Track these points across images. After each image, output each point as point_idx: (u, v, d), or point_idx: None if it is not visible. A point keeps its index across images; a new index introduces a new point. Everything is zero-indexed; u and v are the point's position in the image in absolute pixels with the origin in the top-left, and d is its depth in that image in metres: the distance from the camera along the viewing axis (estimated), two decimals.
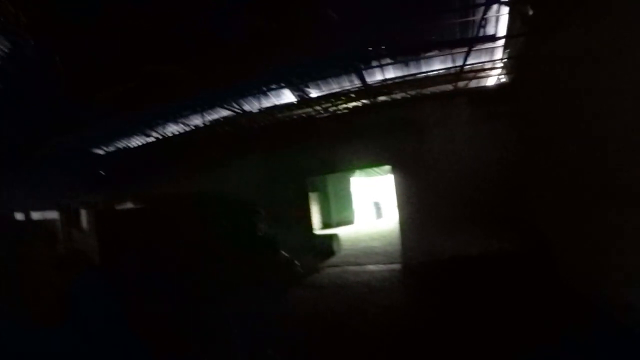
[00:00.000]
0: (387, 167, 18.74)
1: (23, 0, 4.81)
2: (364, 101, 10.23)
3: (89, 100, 7.83)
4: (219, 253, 6.86)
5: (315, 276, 9.43)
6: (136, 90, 7.70)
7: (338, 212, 18.25)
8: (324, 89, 10.08)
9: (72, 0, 5.15)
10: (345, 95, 9.88)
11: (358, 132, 10.16)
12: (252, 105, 10.41)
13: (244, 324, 5.34)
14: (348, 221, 18.52)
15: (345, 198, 18.76)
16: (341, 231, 15.19)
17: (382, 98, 10.05)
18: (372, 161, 10.55)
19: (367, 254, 11.45)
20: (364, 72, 8.46)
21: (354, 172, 18.64)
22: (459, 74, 8.90)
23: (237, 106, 10.13)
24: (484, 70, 9.00)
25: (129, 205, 7.85)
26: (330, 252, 11.61)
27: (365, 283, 8.31)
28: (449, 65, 8.80)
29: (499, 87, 9.69)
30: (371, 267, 9.78)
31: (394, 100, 10.00)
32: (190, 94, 8.84)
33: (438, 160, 9.61)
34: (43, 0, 5.02)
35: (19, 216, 7.16)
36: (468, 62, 8.04)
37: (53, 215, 6.57)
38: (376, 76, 9.09)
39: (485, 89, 9.98)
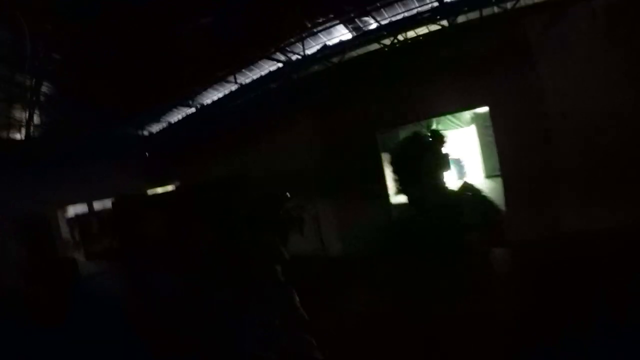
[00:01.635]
0: (468, 117, 16.03)
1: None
2: (441, 24, 7.70)
3: None
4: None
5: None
6: None
7: None
8: (386, 14, 7.73)
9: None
10: (414, 21, 7.46)
11: (439, 68, 7.62)
12: (297, 51, 8.39)
13: None
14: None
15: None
16: None
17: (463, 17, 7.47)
18: (462, 104, 7.97)
19: None
20: None
21: (428, 124, 16.00)
22: None
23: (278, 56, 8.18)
24: None
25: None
26: None
27: None
28: None
29: None
30: None
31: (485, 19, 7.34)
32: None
33: (556, 99, 6.83)
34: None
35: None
36: None
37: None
38: None
39: None
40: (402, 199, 8.30)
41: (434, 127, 16.50)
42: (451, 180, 14.90)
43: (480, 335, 4.33)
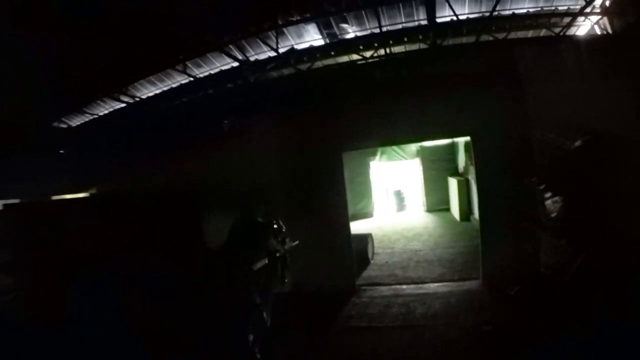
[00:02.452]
0: (414, 149, 15.85)
1: None
2: (423, 45, 7.08)
3: None
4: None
5: (357, 307, 6.34)
6: None
7: (355, 203, 14.98)
8: (368, 25, 6.91)
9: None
10: (396, 36, 6.72)
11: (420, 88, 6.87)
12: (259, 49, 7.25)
13: None
14: (366, 214, 15.43)
15: (363, 185, 15.55)
16: (361, 227, 12.15)
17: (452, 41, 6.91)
18: (442, 131, 7.25)
19: (415, 261, 8.41)
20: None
21: (373, 153, 15.48)
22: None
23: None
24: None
25: None
26: (364, 260, 8.53)
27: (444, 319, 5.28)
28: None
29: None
30: (434, 286, 6.76)
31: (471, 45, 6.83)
32: None
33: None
34: None
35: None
36: None
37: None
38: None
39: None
40: None
41: (377, 157, 16.17)
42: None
43: None
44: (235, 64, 7.53)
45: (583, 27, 6.86)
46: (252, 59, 7.50)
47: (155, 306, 3.82)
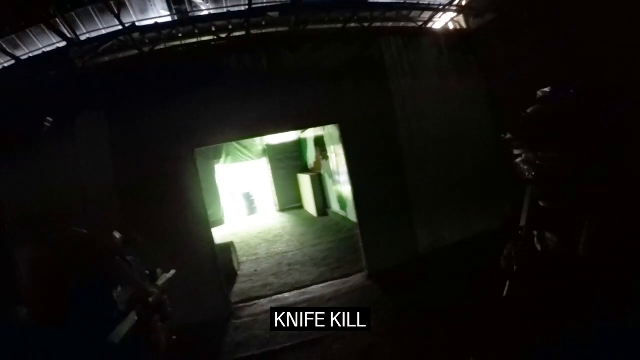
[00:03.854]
0: (260, 149, 15.16)
1: None
2: (282, 29, 6.39)
3: None
4: None
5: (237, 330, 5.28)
6: None
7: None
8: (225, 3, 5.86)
9: None
10: (254, 15, 5.87)
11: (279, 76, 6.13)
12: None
13: None
14: (216, 221, 14.07)
15: (210, 191, 14.09)
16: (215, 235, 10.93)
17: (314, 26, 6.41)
18: (306, 122, 6.62)
19: (286, 265, 7.72)
20: None
21: (217, 156, 14.20)
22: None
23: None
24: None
25: None
26: (230, 273, 7.43)
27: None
28: None
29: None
30: (318, 289, 6.17)
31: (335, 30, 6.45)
32: None
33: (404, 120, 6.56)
34: None
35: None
36: None
37: None
38: None
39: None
40: None
41: (222, 159, 14.96)
42: None
43: None
44: (62, 44, 5.54)
45: (438, 23, 7.22)
46: (83, 38, 5.63)
47: None
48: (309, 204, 13.07)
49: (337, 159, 10.02)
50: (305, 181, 13.09)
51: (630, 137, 1.62)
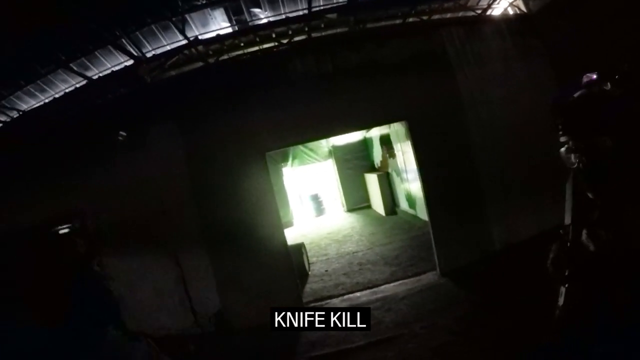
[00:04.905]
0: (326, 151, 15.33)
1: None
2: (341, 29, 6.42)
3: None
4: None
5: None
6: None
7: None
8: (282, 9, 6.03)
9: None
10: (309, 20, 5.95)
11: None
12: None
13: None
14: (286, 223, 14.45)
15: (280, 194, 14.47)
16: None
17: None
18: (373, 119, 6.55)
19: (357, 264, 7.69)
20: None
21: (284, 160, 14.57)
22: None
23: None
24: None
25: None
26: (302, 273, 7.57)
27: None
28: None
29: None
30: (390, 287, 6.08)
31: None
32: None
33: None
34: None
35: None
36: None
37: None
38: None
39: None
40: None
41: (289, 162, 15.33)
42: None
43: None
44: (129, 62, 6.07)
45: (497, 9, 6.86)
46: (149, 55, 6.12)
47: None
48: (377, 204, 12.95)
49: (404, 156, 9.82)
50: (372, 180, 13.00)
51: None
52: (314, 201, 15.60)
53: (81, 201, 5.78)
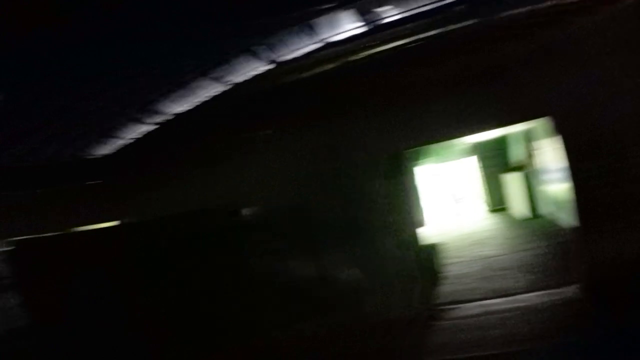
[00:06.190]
0: (469, 148, 14.65)
1: None
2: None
3: None
4: None
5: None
6: None
7: None
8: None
9: None
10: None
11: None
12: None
13: None
14: (419, 223, 14.32)
15: (412, 192, 14.47)
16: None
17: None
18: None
19: (496, 269, 7.39)
20: None
21: (418, 157, 14.42)
22: None
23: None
24: None
25: None
26: (435, 275, 7.58)
27: None
28: None
29: None
30: (531, 297, 5.74)
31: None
32: None
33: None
34: None
35: None
36: None
37: None
38: None
39: None
40: None
41: (425, 159, 15.09)
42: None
43: None
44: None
45: None
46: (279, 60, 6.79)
47: None
48: (517, 206, 12.02)
49: (550, 154, 8.97)
50: (513, 181, 12.10)
51: None
52: (451, 201, 15.21)
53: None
